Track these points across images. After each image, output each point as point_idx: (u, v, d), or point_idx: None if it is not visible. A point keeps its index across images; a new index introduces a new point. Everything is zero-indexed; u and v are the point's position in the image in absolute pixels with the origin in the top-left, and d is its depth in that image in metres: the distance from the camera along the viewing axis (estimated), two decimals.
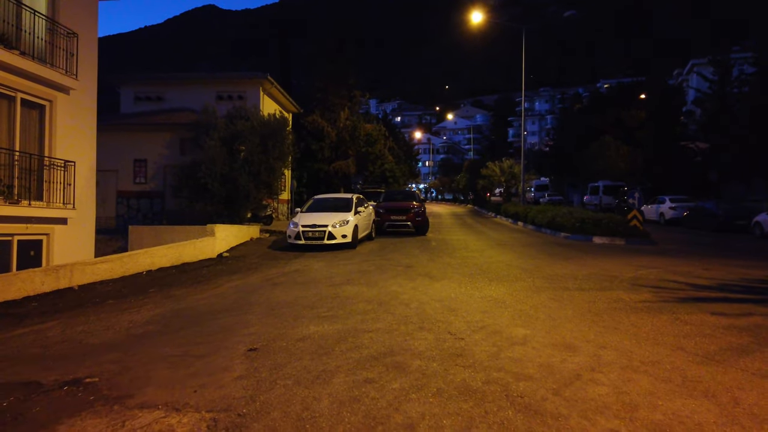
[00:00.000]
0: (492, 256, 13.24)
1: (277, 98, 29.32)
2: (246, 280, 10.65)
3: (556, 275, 9.85)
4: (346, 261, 12.76)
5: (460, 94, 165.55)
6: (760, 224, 22.76)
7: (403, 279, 9.77)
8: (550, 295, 7.82)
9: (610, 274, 9.87)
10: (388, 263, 12.17)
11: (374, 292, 8.39)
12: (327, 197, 17.82)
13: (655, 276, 9.68)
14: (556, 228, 20.37)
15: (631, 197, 19.31)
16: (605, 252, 14.61)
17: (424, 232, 20.35)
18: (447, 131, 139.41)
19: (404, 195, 22.72)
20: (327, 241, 14.90)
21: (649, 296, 7.67)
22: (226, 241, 15.29)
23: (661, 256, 13.61)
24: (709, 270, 10.76)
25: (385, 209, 20.16)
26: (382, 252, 14.65)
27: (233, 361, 4.94)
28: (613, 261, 12.21)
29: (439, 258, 13.07)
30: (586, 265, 11.29)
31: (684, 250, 15.94)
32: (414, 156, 78.28)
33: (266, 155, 19.06)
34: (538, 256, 13.37)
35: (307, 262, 12.84)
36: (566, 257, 12.96)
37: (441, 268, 11.24)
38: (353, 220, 15.64)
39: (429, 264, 11.90)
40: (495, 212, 37.60)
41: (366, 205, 18.12)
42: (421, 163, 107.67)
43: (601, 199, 42.56)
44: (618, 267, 11.01)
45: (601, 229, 18.38)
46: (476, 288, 8.61)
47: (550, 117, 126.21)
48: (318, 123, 37.60)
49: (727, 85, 33.26)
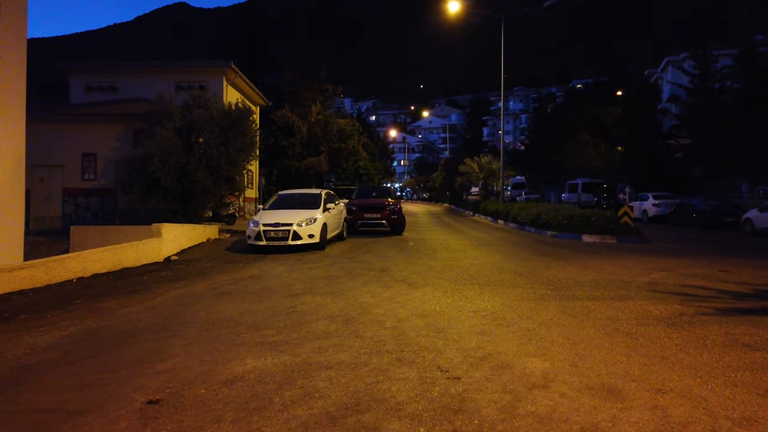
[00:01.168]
0: (478, 258, 11.71)
1: (242, 89, 27.44)
2: (191, 288, 8.93)
3: (557, 280, 8.35)
4: (312, 264, 11.09)
5: (434, 94, 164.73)
6: (750, 221, 21.77)
7: (377, 286, 8.16)
8: (558, 307, 6.29)
9: (620, 279, 8.40)
10: (360, 267, 10.55)
11: (341, 305, 6.76)
12: (293, 193, 16.10)
13: (673, 281, 8.24)
14: (541, 226, 18.99)
15: (621, 193, 18.06)
16: (600, 252, 13.21)
17: (401, 231, 18.78)
18: (422, 130, 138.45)
19: (379, 191, 21.10)
20: (291, 242, 13.20)
21: (682, 307, 6.20)
22: (175, 242, 13.46)
23: (664, 256, 12.26)
24: (727, 272, 9.40)
25: (357, 206, 18.52)
26: (354, 253, 13.02)
27: (117, 425, 3.26)
28: (614, 262, 10.79)
29: (418, 260, 11.49)
30: (588, 268, 9.83)
31: (683, 248, 14.66)
32: (389, 154, 76.84)
33: (227, 147, 17.24)
34: (529, 257, 11.89)
35: (266, 266, 11.14)
36: (561, 258, 11.49)
37: (421, 272, 9.66)
38: (321, 218, 13.97)
39: (407, 267, 10.32)
40: (473, 210, 36.26)
41: (337, 201, 16.46)
42: (397, 162, 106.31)
43: (580, 197, 41.62)
44: (624, 269, 9.57)
45: (591, 226, 17.05)
46: (466, 298, 7.04)
47: (524, 116, 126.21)
48: (288, 118, 35.77)
49: (709, 79, 32.49)
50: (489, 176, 35.60)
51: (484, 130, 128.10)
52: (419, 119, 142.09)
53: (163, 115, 18.12)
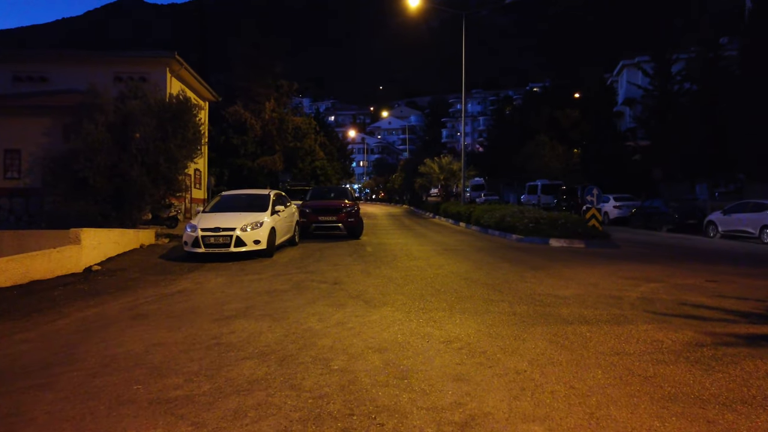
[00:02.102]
0: (443, 266, 10.52)
1: (188, 82, 25.61)
2: (104, 307, 7.42)
3: (536, 295, 7.22)
4: (255, 275, 9.67)
5: (394, 95, 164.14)
6: (714, 224, 21.44)
7: (327, 305, 6.85)
8: (547, 335, 5.13)
9: (607, 293, 7.34)
10: (310, 278, 9.20)
11: (279, 333, 5.42)
12: (238, 194, 14.58)
13: (667, 295, 7.22)
14: (506, 229, 18.03)
15: (589, 194, 17.29)
16: (572, 258, 12.24)
17: (358, 235, 17.49)
18: (381, 131, 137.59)
19: (335, 192, 19.76)
20: (234, 249, 11.72)
21: (695, 334, 5.12)
22: (99, 249, 11.78)
23: (640, 263, 11.38)
24: (717, 282, 8.49)
25: (311, 209, 17.14)
26: (305, 262, 11.65)
27: None
28: (592, 271, 9.78)
29: (376, 269, 10.22)
30: (566, 278, 8.77)
31: (656, 254, 13.89)
32: (348, 155, 75.46)
33: (165, 142, 15.56)
34: (499, 264, 10.78)
35: (202, 277, 9.65)
36: (534, 266, 10.42)
37: (380, 285, 8.39)
38: (269, 221, 12.53)
39: (364, 279, 9.03)
40: (433, 212, 35.28)
41: (288, 203, 15.04)
42: (356, 162, 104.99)
43: (539, 199, 41.27)
44: (607, 281, 8.54)
45: (558, 230, 16.16)
46: (434, 321, 5.81)
47: (482, 119, 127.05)
48: (240, 114, 34.01)
49: (668, 81, 32.47)
50: (449, 177, 34.70)
51: (443, 132, 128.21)
52: (379, 120, 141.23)
53: (94, 107, 16.29)
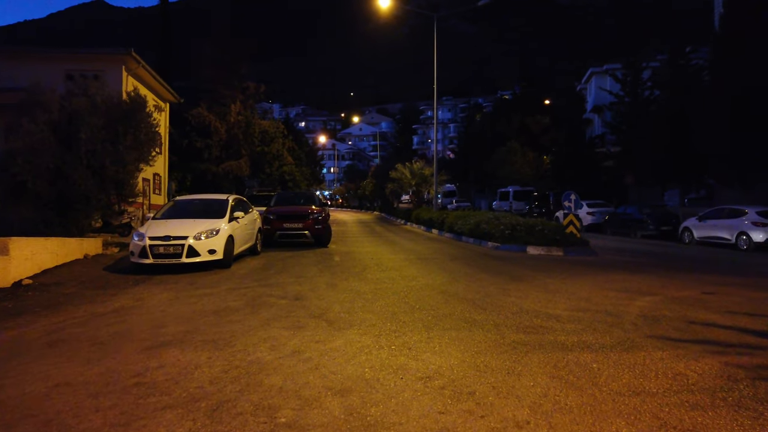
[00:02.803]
0: (416, 278, 9.60)
1: (147, 82, 24.24)
2: (21, 330, 6.28)
3: (525, 313, 6.35)
4: (207, 290, 8.59)
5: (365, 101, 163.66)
6: (690, 230, 21.10)
7: (284, 327, 5.84)
8: (546, 366, 4.24)
9: (602, 309, 6.51)
10: (269, 293, 8.17)
11: (218, 368, 4.40)
12: (192, 199, 13.42)
13: (669, 311, 6.43)
14: (481, 237, 17.24)
15: (566, 200, 16.65)
16: (554, 267, 11.47)
17: (326, 243, 16.48)
18: (352, 137, 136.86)
19: (301, 198, 18.73)
20: (187, 260, 10.59)
21: (722, 366, 4.29)
22: (33, 260, 10.50)
23: (626, 273, 10.67)
24: (716, 296, 7.77)
25: (276, 215, 16.07)
26: (266, 273, 10.59)
27: None
28: (578, 282, 8.99)
29: (343, 282, 9.25)
30: (553, 291, 7.94)
31: (638, 262, 13.26)
32: (318, 161, 74.29)
33: (114, 144, 14.30)
34: (478, 275, 9.91)
35: (146, 292, 8.52)
36: (515, 277, 9.59)
37: (347, 300, 7.42)
38: (227, 229, 11.44)
39: (329, 294, 8.04)
40: (405, 219, 34.45)
41: (250, 209, 13.96)
42: (326, 169, 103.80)
43: (511, 205, 40.92)
44: (598, 294, 7.73)
45: (535, 237, 15.43)
46: (408, 349, 4.87)
47: (453, 125, 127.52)
48: (204, 117, 32.60)
49: (639, 87, 32.42)
50: (421, 182, 33.91)
51: (414, 139, 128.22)
52: (350, 126, 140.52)
53: (36, 105, 14.91)
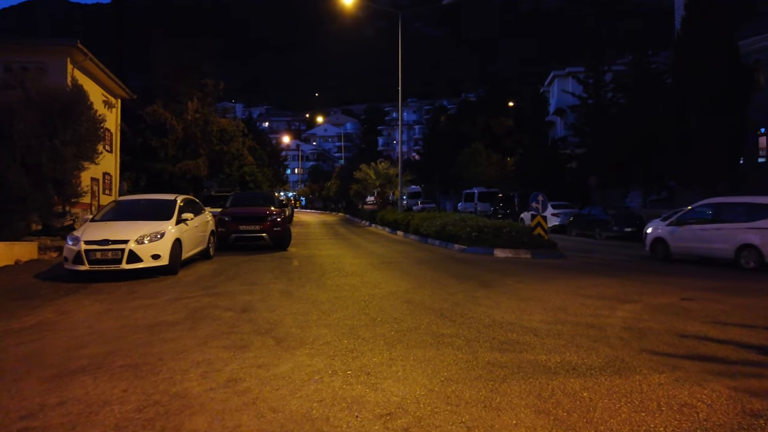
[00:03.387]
0: (380, 284, 8.89)
1: (96, 76, 22.87)
2: None
3: (498, 326, 5.71)
4: (146, 301, 7.69)
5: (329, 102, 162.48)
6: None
7: (223, 347, 5.05)
8: (530, 398, 3.58)
9: (583, 321, 5.93)
10: (215, 303, 7.33)
11: (132, 404, 3.59)
12: (137, 199, 12.41)
13: (655, 323, 5.88)
14: (447, 239, 16.67)
15: (534, 201, 16.24)
16: (524, 271, 10.95)
17: (285, 246, 15.63)
18: (317, 138, 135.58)
19: (259, 198, 17.82)
20: (127, 266, 9.61)
21: (732, 392, 3.70)
22: None
23: (597, 277, 10.20)
24: (697, 302, 7.31)
25: (232, 217, 15.14)
26: (216, 280, 9.72)
27: None
28: (551, 288, 8.44)
29: (300, 289, 8.47)
30: (525, 299, 7.34)
31: (607, 265, 12.89)
32: (282, 161, 72.95)
33: (52, 140, 13.16)
34: (445, 281, 9.27)
35: (74, 304, 7.56)
36: (484, 283, 8.98)
37: (301, 312, 6.66)
38: (173, 232, 10.50)
39: (282, 303, 7.26)
40: (369, 221, 33.75)
41: (202, 210, 13.03)
42: (290, 170, 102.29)
43: (476, 206, 40.67)
44: (574, 302, 7.17)
45: (503, 239, 14.94)
46: (367, 374, 4.14)
47: (418, 127, 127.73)
48: (160, 115, 31.21)
49: (601, 89, 32.57)
50: (386, 183, 33.30)
51: (379, 140, 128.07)
52: (314, 127, 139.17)
53: None
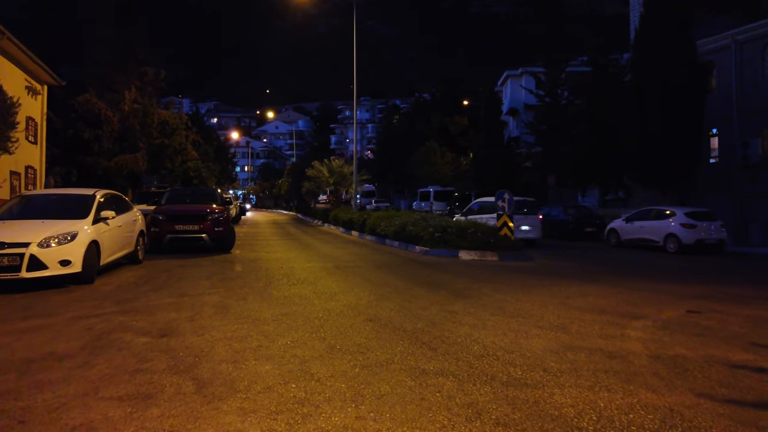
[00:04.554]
0: (336, 295, 7.52)
1: (17, 58, 20.43)
2: None
3: (492, 356, 4.45)
4: (41, 320, 6.04)
5: (281, 99, 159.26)
6: (616, 232, 20.48)
7: (118, 400, 3.56)
8: None
9: (595, 347, 4.73)
10: (128, 324, 5.78)
11: None
12: (47, 194, 10.61)
13: (680, 346, 4.75)
14: (407, 240, 15.42)
15: (500, 200, 15.23)
16: (497, 277, 9.80)
17: (228, 248, 14.02)
18: (268, 135, 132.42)
19: (199, 195, 16.10)
20: (28, 274, 7.87)
21: None
22: None
23: (579, 283, 9.16)
24: (707, 315, 6.28)
25: (166, 215, 13.40)
26: (138, 290, 8.10)
27: None
28: (535, 298, 7.28)
29: (239, 302, 7.00)
30: (512, 315, 6.13)
31: (579, 268, 11.94)
32: (230, 158, 70.21)
33: None
34: (412, 290, 7.98)
35: None
36: (458, 292, 7.74)
37: (237, 337, 5.21)
38: (89, 232, 8.81)
39: (214, 323, 5.78)
40: (322, 220, 32.26)
41: (130, 208, 11.31)
42: (240, 167, 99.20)
43: (432, 205, 39.76)
44: (570, 318, 6.00)
45: (468, 240, 13.83)
46: None
47: (371, 126, 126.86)
48: (93, 105, 28.69)
49: (559, 88, 32.16)
50: (340, 181, 31.88)
51: (332, 138, 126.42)
52: (265, 124, 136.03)
53: None
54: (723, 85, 27.76)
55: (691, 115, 23.27)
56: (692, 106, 23.35)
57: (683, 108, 23.01)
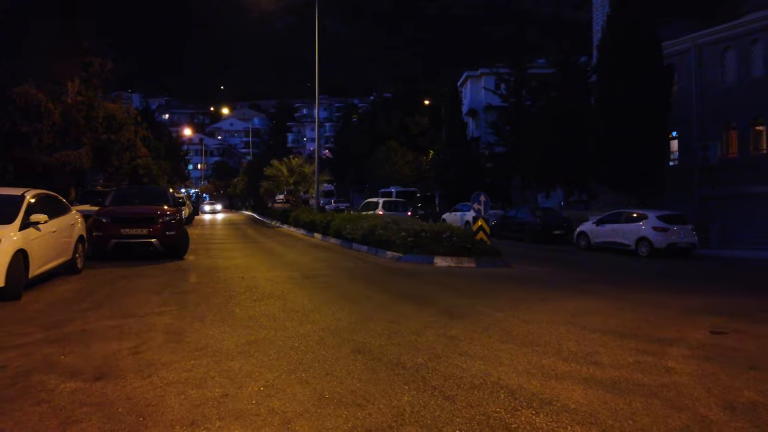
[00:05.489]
0: (310, 315, 6.46)
1: None
2: None
3: (523, 406, 3.53)
4: None
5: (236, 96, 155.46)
6: (586, 235, 20.08)
7: None
8: None
9: (639, 382, 3.87)
10: (54, 359, 4.59)
11: None
12: None
13: (753, 391, 3.96)
14: (377, 244, 14.41)
15: (476, 202, 14.45)
16: (484, 289, 8.95)
17: (181, 253, 12.71)
18: (222, 132, 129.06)
19: (149, 195, 14.69)
20: None
21: None
22: None
23: (570, 293, 8.41)
24: (735, 336, 5.58)
25: (111, 218, 11.98)
26: (74, 309, 6.83)
27: None
28: (539, 317, 6.42)
29: (194, 326, 5.86)
30: (521, 340, 5.24)
31: (560, 275, 11.28)
32: (183, 156, 67.56)
33: None
34: (397, 308, 7.00)
35: None
36: (451, 310, 6.81)
37: (194, 379, 4.10)
38: (15, 240, 7.47)
39: (165, 357, 4.65)
40: (281, 221, 30.90)
41: (67, 210, 9.92)
42: (193, 165, 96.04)
43: None
44: (589, 343, 5.15)
45: (443, 245, 12.97)
46: None
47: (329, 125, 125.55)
48: (32, 96, 26.40)
49: (524, 87, 31.88)
50: (300, 181, 30.61)
51: (289, 137, 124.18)
52: (219, 121, 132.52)
53: None
54: (683, 88, 27.99)
55: (656, 116, 23.22)
56: (657, 107, 23.30)
57: (649, 109, 22.93)
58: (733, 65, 26.54)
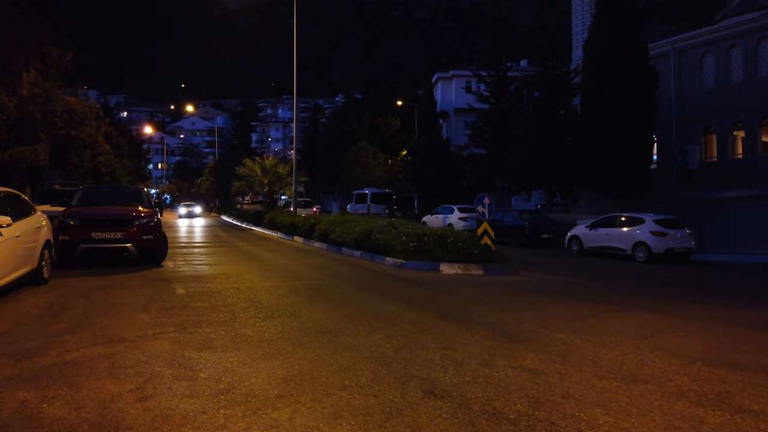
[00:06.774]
0: (338, 337, 5.40)
1: None
2: None
3: None
4: None
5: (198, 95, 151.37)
6: (578, 239, 19.52)
7: None
8: None
9: None
10: (33, 417, 3.42)
11: None
12: None
13: None
14: (374, 250, 13.37)
15: (480, 205, 13.59)
16: (513, 301, 8.06)
17: (159, 260, 11.42)
18: (184, 131, 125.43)
19: (121, 194, 13.27)
20: None
21: None
22: None
23: (607, 306, 7.60)
24: None
25: (80, 219, 10.59)
26: (48, 332, 5.57)
27: None
28: (601, 337, 5.52)
29: (206, 356, 4.71)
30: (618, 374, 4.31)
31: (577, 284, 10.51)
32: (144, 154, 64.98)
33: None
34: (435, 326, 5.99)
35: None
36: (499, 331, 5.85)
37: None
38: None
39: (181, 406, 3.52)
40: (254, 223, 29.48)
41: (32, 211, 8.58)
42: (153, 164, 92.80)
43: (369, 208, 37.85)
44: (694, 378, 4.31)
45: (448, 251, 12.05)
46: None
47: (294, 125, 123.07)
48: None
49: (505, 86, 31.37)
50: (275, 181, 29.26)
51: (253, 137, 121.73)
52: (180, 119, 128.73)
53: None
54: (663, 92, 27.93)
55: (643, 117, 22.97)
56: (644, 108, 23.05)
57: (636, 110, 22.65)
58: (712, 70, 26.59)
